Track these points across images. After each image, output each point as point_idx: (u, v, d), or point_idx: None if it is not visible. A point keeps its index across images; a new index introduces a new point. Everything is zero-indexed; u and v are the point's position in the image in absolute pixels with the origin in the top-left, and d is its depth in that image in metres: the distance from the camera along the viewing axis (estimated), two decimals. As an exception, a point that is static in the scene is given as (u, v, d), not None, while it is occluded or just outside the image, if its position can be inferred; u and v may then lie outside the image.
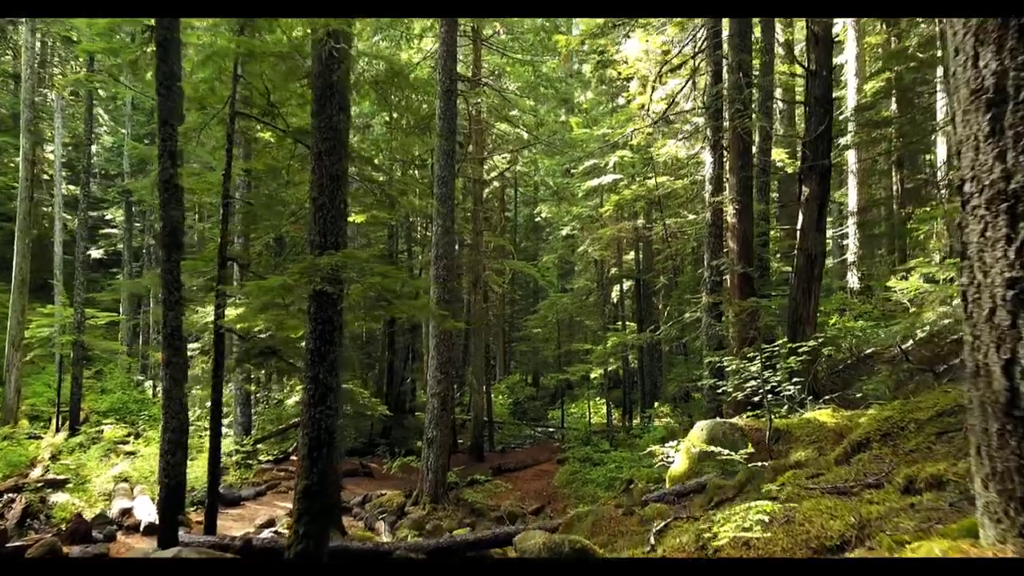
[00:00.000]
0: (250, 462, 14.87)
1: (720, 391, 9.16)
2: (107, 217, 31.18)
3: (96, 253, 30.14)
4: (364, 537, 8.16)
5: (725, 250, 12.75)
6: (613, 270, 24.97)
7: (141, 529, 10.06)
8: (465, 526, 12.31)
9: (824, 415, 7.69)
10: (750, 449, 7.33)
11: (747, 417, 8.68)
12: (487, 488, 14.72)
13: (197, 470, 13.02)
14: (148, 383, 25.58)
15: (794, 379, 8.27)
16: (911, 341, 13.44)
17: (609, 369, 23.76)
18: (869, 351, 13.72)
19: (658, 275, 22.75)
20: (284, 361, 8.20)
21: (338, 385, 6.35)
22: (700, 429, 7.96)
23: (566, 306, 24.97)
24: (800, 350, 7.74)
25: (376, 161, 22.94)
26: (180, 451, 7.39)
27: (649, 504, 6.93)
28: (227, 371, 8.31)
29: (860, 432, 5.18)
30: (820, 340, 8.35)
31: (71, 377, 18.05)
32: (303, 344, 7.60)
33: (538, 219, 32.90)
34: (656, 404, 21.98)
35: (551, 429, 25.79)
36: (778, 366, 7.86)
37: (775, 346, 7.74)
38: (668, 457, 9.24)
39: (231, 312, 8.93)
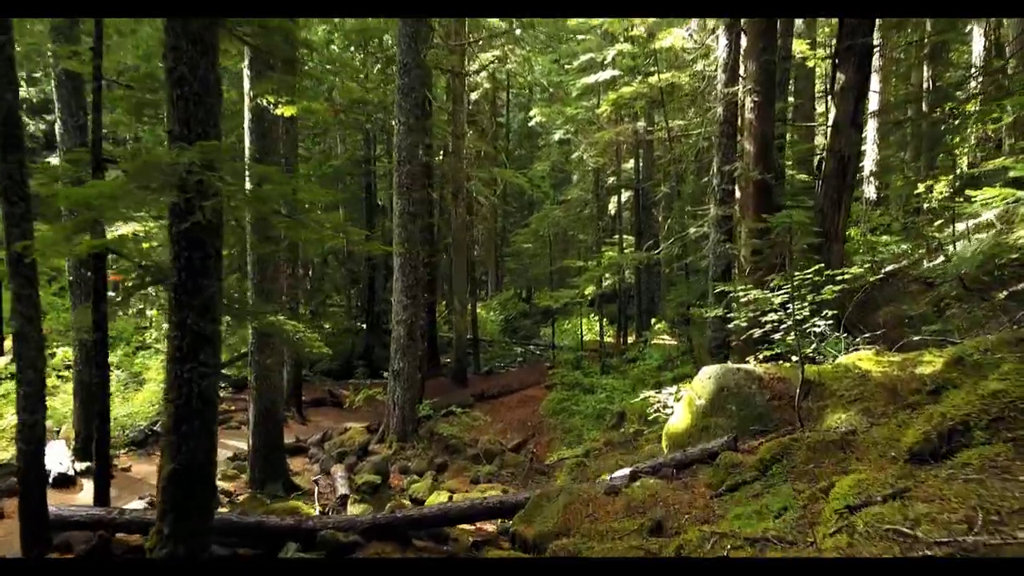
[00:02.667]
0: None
1: (731, 324, 7.48)
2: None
3: (55, 160, 27.93)
4: (289, 509, 6.74)
5: (739, 153, 10.78)
6: (611, 179, 22.88)
7: (51, 481, 8.64)
8: (436, 467, 11.00)
9: (866, 360, 6.03)
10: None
11: (763, 360, 7.03)
12: (464, 420, 13.35)
13: (135, 405, 11.57)
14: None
15: (823, 312, 6.59)
16: (941, 259, 11.67)
17: (604, 285, 22.16)
18: (890, 268, 12.01)
19: (659, 183, 20.70)
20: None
21: (216, 332, 4.62)
22: (707, 377, 6.33)
23: (559, 219, 23.02)
24: (839, 278, 6.00)
25: (354, 61, 20.53)
26: (41, 407, 5.80)
27: (640, 478, 5.38)
28: (112, 303, 6.57)
29: (953, 410, 3.50)
30: (867, 265, 6.59)
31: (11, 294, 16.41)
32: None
33: (532, 124, 30.40)
34: (653, 322, 20.52)
35: (542, 345, 24.51)
36: (807, 297, 6.15)
37: (807, 273, 5.98)
38: (666, 407, 7.69)
39: (133, 228, 7.16)
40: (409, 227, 11.36)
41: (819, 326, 6.54)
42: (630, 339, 20.98)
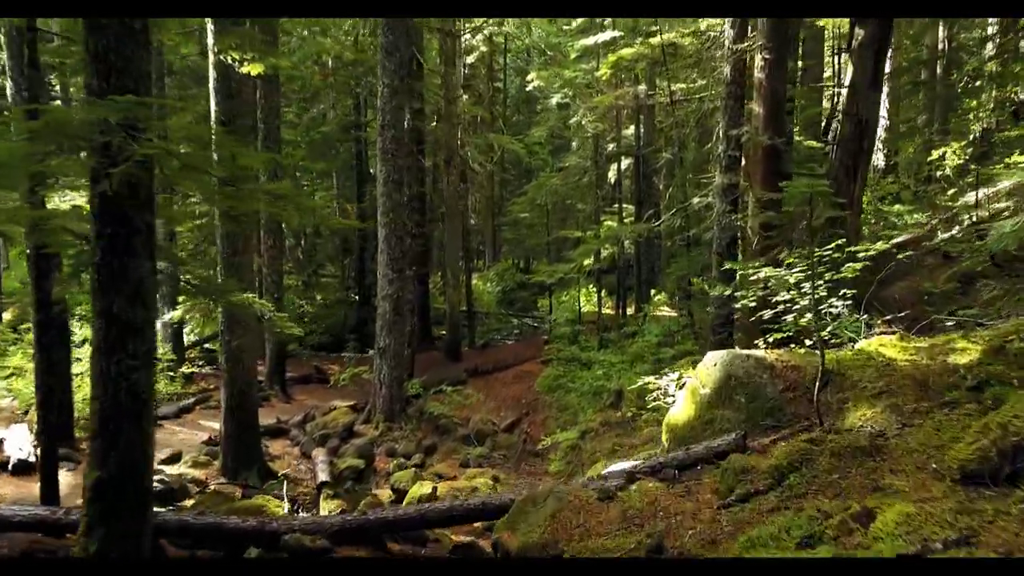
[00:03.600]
0: (172, 373, 12.74)
1: (738, 304, 6.86)
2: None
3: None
4: (254, 508, 6.20)
5: (747, 116, 10.04)
6: (611, 146, 22.03)
7: (10, 468, 8.15)
8: (424, 449, 10.50)
9: (889, 346, 5.43)
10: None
11: (772, 344, 6.43)
12: (455, 399, 12.81)
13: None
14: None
15: (841, 292, 5.97)
16: (956, 229, 11.01)
17: (603, 257, 21.49)
18: (900, 239, 11.36)
19: (660, 150, 19.91)
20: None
21: (147, 320, 4.01)
22: (712, 364, 5.73)
23: (557, 187, 22.22)
24: (862, 254, 5.36)
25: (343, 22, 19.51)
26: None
27: (638, 480, 4.81)
28: (58, 283, 5.94)
29: (1016, 421, 2.90)
30: (892, 240, 5.96)
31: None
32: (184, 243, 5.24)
33: (530, 88, 29.36)
34: (653, 293, 19.93)
35: (539, 317, 23.95)
36: (825, 276, 5.53)
37: (827, 249, 5.34)
38: (667, 394, 7.11)
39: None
40: (395, 196, 10.68)
41: (836, 306, 5.93)
42: (629, 311, 20.40)
